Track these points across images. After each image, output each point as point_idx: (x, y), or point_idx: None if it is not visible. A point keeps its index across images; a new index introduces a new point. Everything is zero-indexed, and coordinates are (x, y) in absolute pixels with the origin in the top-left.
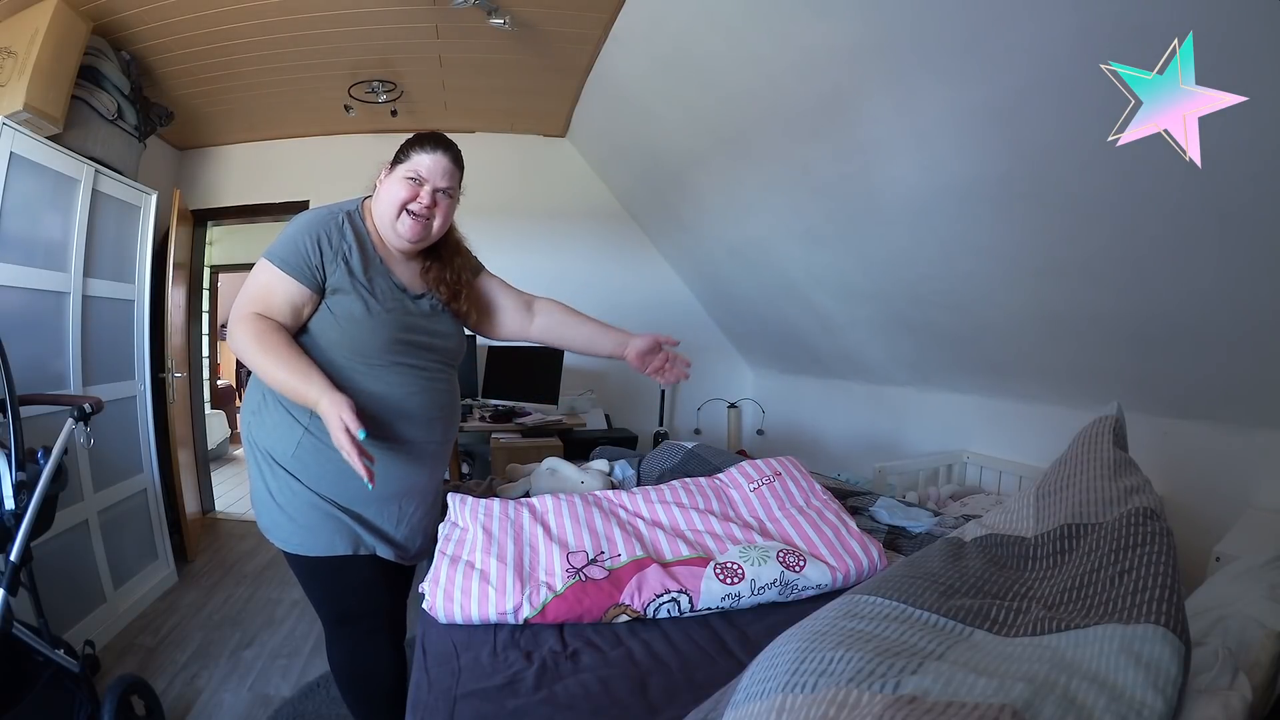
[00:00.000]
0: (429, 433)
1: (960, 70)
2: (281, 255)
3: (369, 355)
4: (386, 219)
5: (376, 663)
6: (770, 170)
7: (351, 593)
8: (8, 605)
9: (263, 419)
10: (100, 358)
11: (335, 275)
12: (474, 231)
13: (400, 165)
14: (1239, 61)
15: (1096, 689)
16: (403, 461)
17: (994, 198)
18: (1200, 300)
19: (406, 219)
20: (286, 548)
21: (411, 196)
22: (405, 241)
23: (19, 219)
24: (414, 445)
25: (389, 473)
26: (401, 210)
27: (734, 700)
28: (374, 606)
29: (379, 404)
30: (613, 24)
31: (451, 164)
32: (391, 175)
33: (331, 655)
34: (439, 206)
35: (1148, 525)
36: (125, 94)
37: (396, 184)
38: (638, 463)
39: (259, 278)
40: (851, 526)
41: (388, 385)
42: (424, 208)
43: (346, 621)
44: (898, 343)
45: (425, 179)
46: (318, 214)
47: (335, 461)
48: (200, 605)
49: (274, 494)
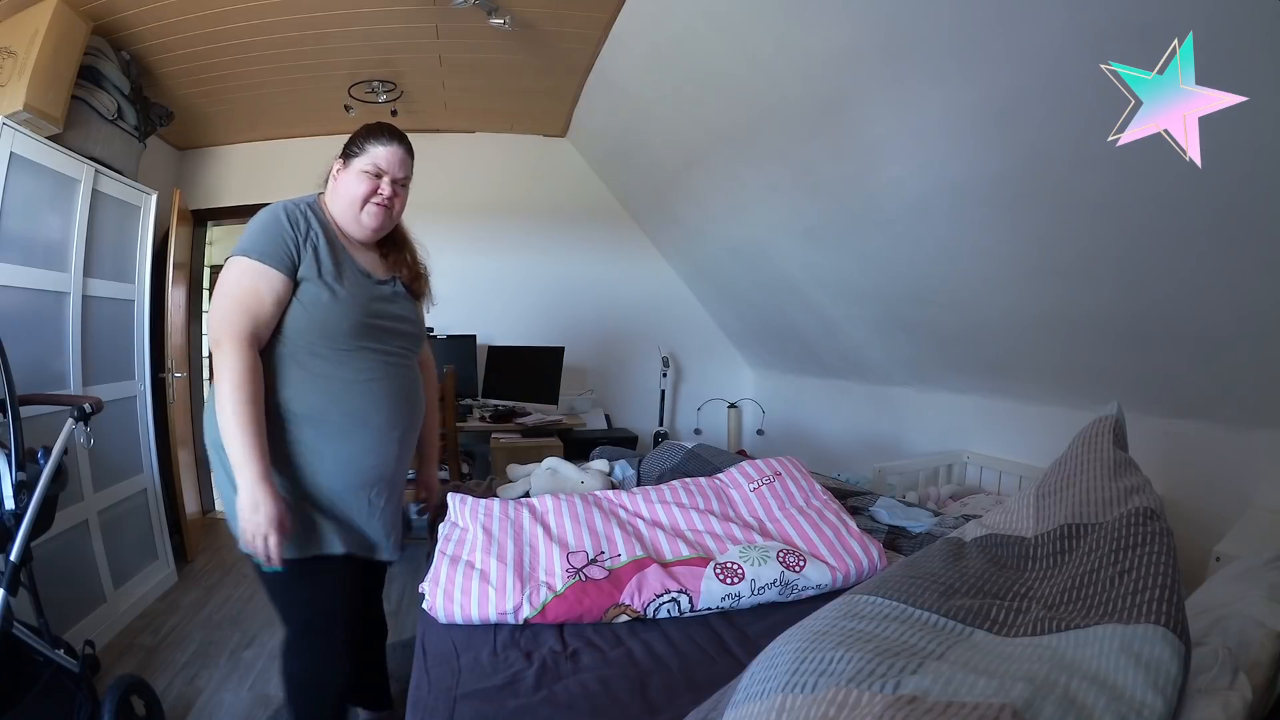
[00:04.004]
0: (395, 419)
1: (960, 70)
2: (261, 249)
3: (336, 339)
4: (348, 212)
5: (336, 677)
6: (770, 170)
7: (322, 598)
8: (8, 605)
9: None
10: (100, 358)
11: (305, 263)
12: (474, 231)
13: (356, 159)
14: (1239, 61)
15: (1096, 689)
16: (371, 449)
17: (993, 198)
18: (1200, 300)
19: (372, 209)
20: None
21: (372, 190)
22: (369, 231)
23: (19, 219)
24: (380, 433)
25: (357, 461)
26: (365, 204)
27: (734, 700)
28: (345, 616)
29: (346, 389)
30: (613, 24)
31: (406, 154)
32: (347, 170)
33: (289, 663)
34: (399, 196)
35: (1148, 525)
36: (125, 94)
37: (355, 179)
38: (638, 463)
39: (243, 283)
40: (851, 526)
41: (355, 370)
42: (386, 198)
43: (315, 632)
44: (897, 342)
45: (385, 170)
46: (281, 206)
47: (299, 453)
48: (200, 605)
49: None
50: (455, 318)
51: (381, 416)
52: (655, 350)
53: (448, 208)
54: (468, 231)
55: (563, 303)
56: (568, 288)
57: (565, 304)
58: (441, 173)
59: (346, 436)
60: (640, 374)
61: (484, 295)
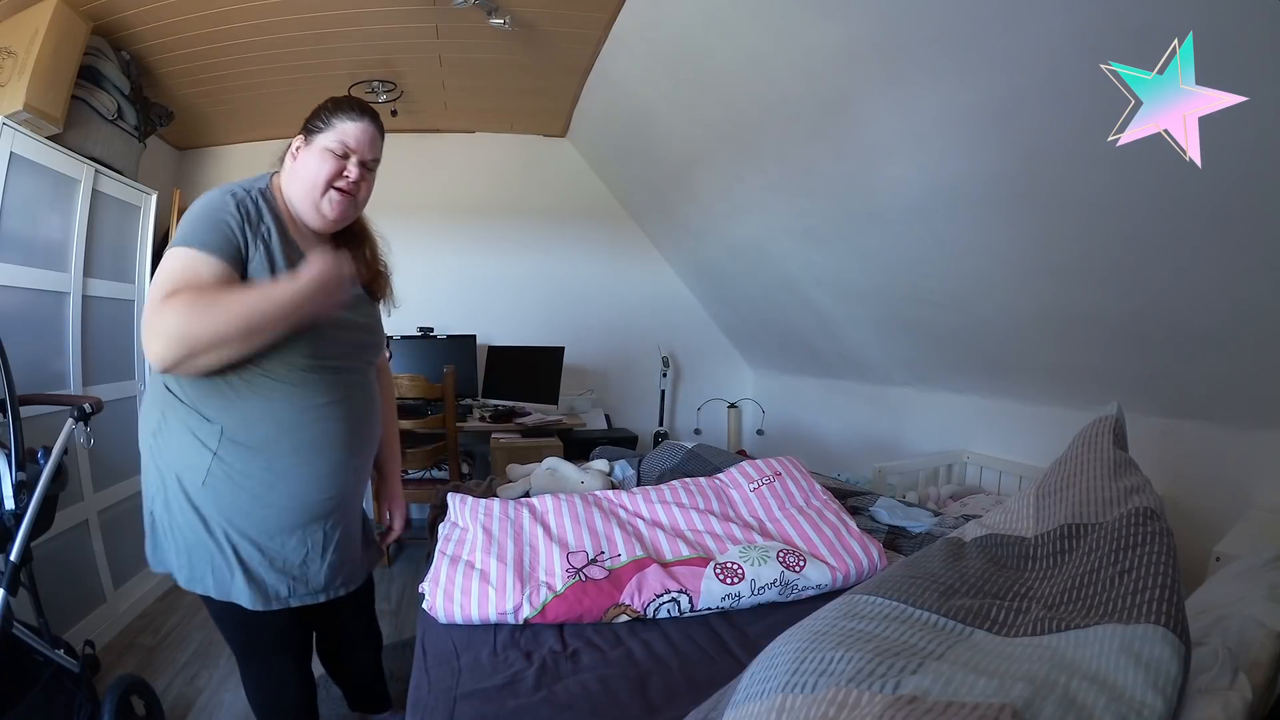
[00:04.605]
0: (354, 446)
1: (960, 70)
2: (203, 238)
3: (290, 358)
4: (307, 198)
5: (287, 692)
6: (770, 170)
7: (258, 629)
8: (8, 605)
9: (167, 440)
10: (100, 358)
11: (255, 261)
12: (474, 231)
13: (320, 135)
14: (1239, 61)
15: (1096, 689)
16: (327, 481)
17: (993, 197)
18: (1200, 299)
19: (333, 195)
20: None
21: (338, 171)
22: (328, 222)
23: (19, 219)
24: (337, 463)
25: (313, 495)
26: (328, 187)
27: (734, 700)
28: (284, 643)
29: (300, 415)
30: (613, 24)
31: (377, 133)
32: (310, 147)
33: (244, 683)
34: (365, 181)
35: (1148, 525)
36: (125, 94)
37: (317, 157)
38: (638, 463)
39: (174, 265)
40: (851, 526)
41: (311, 393)
42: (351, 183)
43: (254, 658)
44: (897, 342)
45: (353, 149)
46: (228, 191)
47: (249, 489)
48: (200, 605)
49: (180, 531)
50: (455, 318)
51: (339, 444)
52: (655, 350)
53: (448, 208)
54: (468, 231)
55: (563, 303)
56: (568, 288)
57: (565, 304)
58: (441, 173)
59: (300, 469)
60: (640, 374)
61: (484, 295)
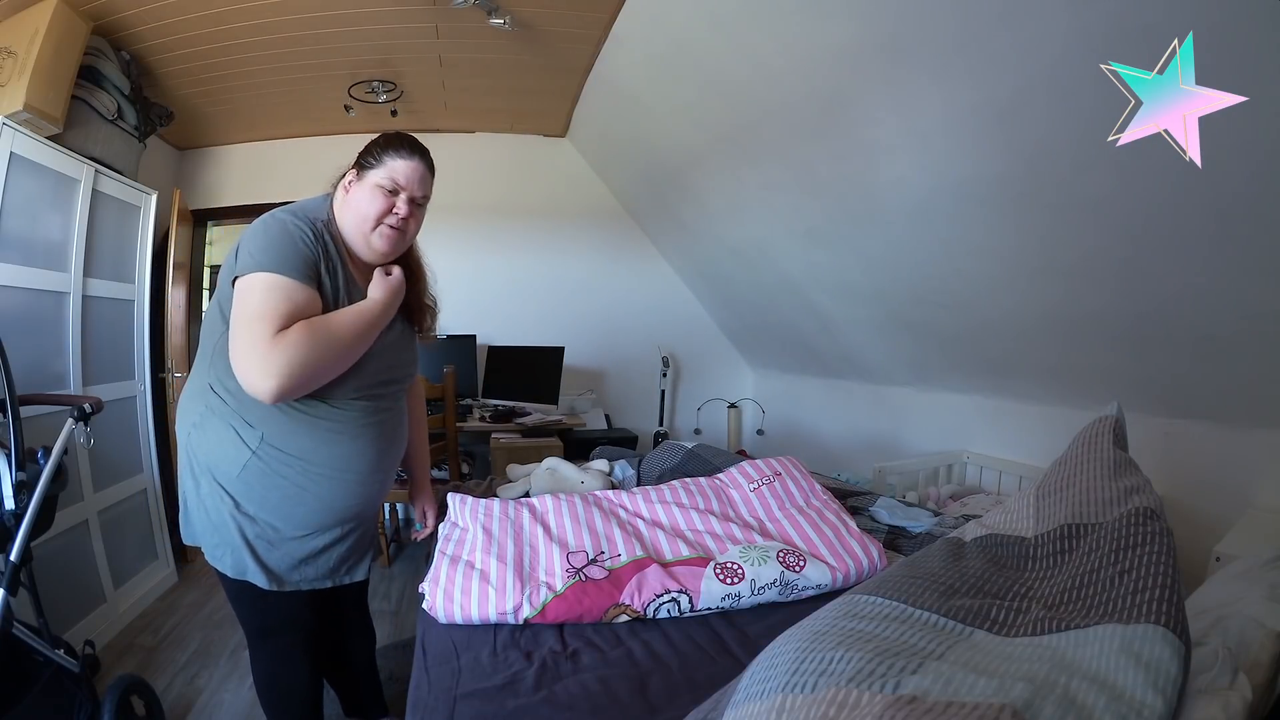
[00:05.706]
0: (380, 464)
1: (960, 70)
2: (291, 264)
3: (335, 395)
4: (357, 230)
5: (296, 676)
6: (770, 170)
7: (275, 608)
8: (8, 605)
9: (206, 434)
10: (100, 358)
11: (325, 290)
12: (474, 231)
13: (371, 171)
14: (1239, 61)
15: (1096, 689)
16: (353, 493)
17: (994, 197)
18: (1200, 300)
19: (384, 230)
20: (213, 563)
21: (388, 208)
22: (378, 255)
23: (19, 219)
24: (364, 477)
25: (339, 504)
26: (378, 223)
27: (734, 700)
28: (299, 622)
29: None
30: (613, 24)
31: (427, 171)
32: (362, 182)
33: (254, 666)
34: (414, 217)
35: (1148, 525)
36: (125, 94)
37: (369, 193)
38: (638, 463)
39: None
40: (851, 526)
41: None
42: (400, 220)
43: (268, 636)
44: (897, 342)
45: (403, 186)
46: (300, 218)
47: (281, 488)
48: (200, 605)
49: (209, 511)
50: (455, 318)
51: (366, 462)
52: (655, 350)
53: (447, 208)
54: (468, 231)
55: (563, 303)
56: (568, 288)
57: (565, 304)
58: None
59: (331, 479)
60: (640, 374)
61: (484, 295)
